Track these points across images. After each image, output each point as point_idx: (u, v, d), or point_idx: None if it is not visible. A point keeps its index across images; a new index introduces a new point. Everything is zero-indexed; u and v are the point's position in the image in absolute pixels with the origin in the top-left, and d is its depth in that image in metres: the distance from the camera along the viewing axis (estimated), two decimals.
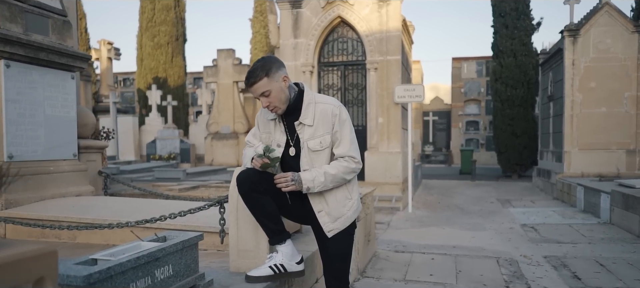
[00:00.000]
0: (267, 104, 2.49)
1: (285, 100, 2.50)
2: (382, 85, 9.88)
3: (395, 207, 9.18)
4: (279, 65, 2.50)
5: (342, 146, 2.52)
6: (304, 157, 2.53)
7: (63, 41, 4.62)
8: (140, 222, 3.03)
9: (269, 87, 2.45)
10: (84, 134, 5.20)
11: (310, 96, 2.56)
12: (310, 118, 2.51)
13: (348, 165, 2.50)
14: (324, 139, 2.50)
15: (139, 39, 21.94)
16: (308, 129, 2.51)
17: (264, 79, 2.44)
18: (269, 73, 2.44)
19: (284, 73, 2.50)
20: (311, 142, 2.51)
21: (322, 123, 2.50)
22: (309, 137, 2.51)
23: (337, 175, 2.48)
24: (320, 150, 2.51)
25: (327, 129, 2.50)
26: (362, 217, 5.25)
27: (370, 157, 9.78)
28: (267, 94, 2.46)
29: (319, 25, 10.28)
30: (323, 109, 2.52)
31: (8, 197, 3.94)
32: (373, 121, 9.90)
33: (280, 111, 2.53)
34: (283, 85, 2.48)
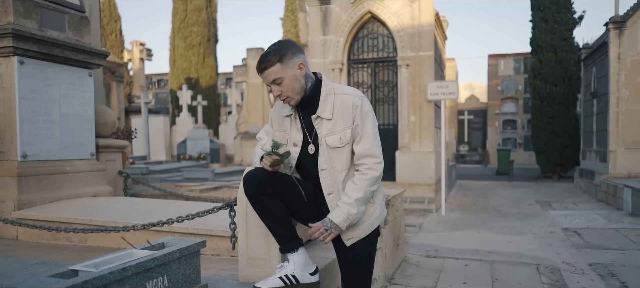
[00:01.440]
0: (278, 93, 2.22)
1: (300, 90, 2.23)
2: (414, 82, 9.52)
3: (427, 208, 8.81)
4: (296, 50, 2.22)
5: (363, 142, 2.22)
6: (322, 155, 2.25)
7: (80, 37, 4.50)
8: (147, 226, 2.83)
9: (282, 74, 2.18)
10: (104, 133, 5.08)
11: (328, 86, 2.27)
12: (329, 111, 2.23)
13: (371, 174, 2.19)
14: (344, 134, 2.21)
15: (172, 40, 22.15)
16: (326, 123, 2.23)
17: (276, 65, 2.17)
18: (283, 58, 2.17)
19: (301, 60, 2.21)
20: (330, 138, 2.22)
21: (342, 116, 2.21)
22: (328, 132, 2.22)
23: (366, 193, 2.19)
24: (340, 147, 2.22)
25: (347, 123, 2.21)
26: (390, 221, 4.94)
27: (402, 157, 9.44)
28: (279, 82, 2.19)
29: (348, 22, 10.00)
30: (343, 100, 2.23)
31: (21, 197, 3.83)
32: (404, 119, 9.56)
33: (294, 102, 2.26)
34: (298, 74, 2.20)
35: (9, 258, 3.00)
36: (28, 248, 3.47)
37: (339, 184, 2.25)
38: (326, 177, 2.26)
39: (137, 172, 10.44)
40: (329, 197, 2.27)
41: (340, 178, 2.25)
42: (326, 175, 2.26)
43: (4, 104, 3.94)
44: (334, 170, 2.25)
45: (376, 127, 2.28)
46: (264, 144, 2.34)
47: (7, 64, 3.93)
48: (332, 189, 2.26)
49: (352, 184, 2.21)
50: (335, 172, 2.25)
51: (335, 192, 2.26)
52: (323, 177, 2.26)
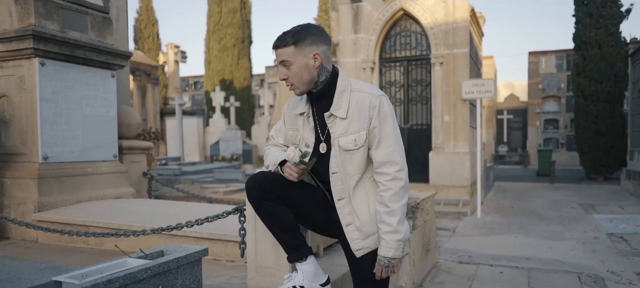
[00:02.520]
0: (284, 77, 2.05)
1: (308, 81, 2.04)
2: (448, 80, 9.20)
3: (462, 211, 8.48)
4: (317, 39, 2.03)
5: (382, 148, 2.02)
6: (334, 157, 2.06)
7: (103, 38, 4.47)
8: (156, 230, 2.73)
9: (292, 59, 2.01)
10: (128, 134, 5.06)
11: (345, 82, 2.08)
12: (343, 109, 2.04)
13: (397, 186, 2.00)
14: (358, 135, 2.02)
15: (207, 42, 22.40)
16: (340, 122, 2.04)
17: (290, 47, 2.01)
18: (299, 42, 2.00)
19: (318, 50, 2.02)
20: (343, 139, 2.03)
21: (358, 116, 2.02)
22: (342, 132, 2.04)
23: (402, 211, 2.01)
24: (353, 149, 2.03)
25: (363, 124, 2.01)
26: (419, 225, 4.71)
27: (435, 158, 9.14)
28: (288, 65, 2.02)
29: (380, 19, 9.77)
30: (359, 98, 2.04)
31: (42, 199, 3.82)
32: (438, 119, 9.25)
33: (298, 92, 2.08)
34: (310, 63, 2.02)
35: (21, 262, 2.95)
36: (45, 250, 3.44)
37: (350, 190, 2.06)
38: (337, 182, 2.08)
39: (170, 173, 10.53)
40: (339, 202, 2.09)
41: (352, 183, 2.06)
42: (337, 179, 2.08)
43: (26, 105, 3.94)
44: (346, 174, 2.06)
45: (397, 130, 2.07)
46: (288, 154, 2.14)
47: (28, 66, 3.93)
48: (343, 195, 2.08)
49: (383, 208, 2.00)
50: (347, 177, 2.06)
51: (346, 198, 2.08)
52: (334, 181, 2.08)
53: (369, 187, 2.09)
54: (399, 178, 2.02)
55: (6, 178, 3.95)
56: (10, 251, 3.43)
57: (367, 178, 2.09)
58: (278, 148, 2.29)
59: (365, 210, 2.07)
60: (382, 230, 2.00)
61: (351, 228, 2.08)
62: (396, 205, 1.99)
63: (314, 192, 2.20)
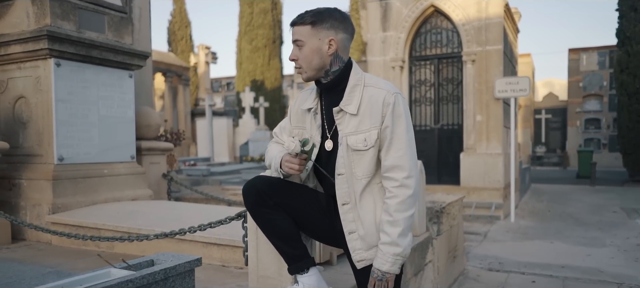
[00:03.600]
0: (293, 57, 1.90)
1: (317, 67, 1.89)
2: (481, 78, 8.87)
3: (494, 215, 8.14)
4: (336, 24, 1.87)
5: (392, 151, 1.83)
6: (341, 157, 1.89)
7: (120, 38, 4.43)
8: (159, 236, 2.62)
9: (306, 39, 1.86)
10: (148, 135, 5.01)
11: (358, 76, 1.91)
12: (354, 104, 1.87)
13: (404, 194, 1.81)
14: (369, 135, 1.84)
15: (238, 43, 22.51)
16: (351, 119, 1.87)
17: (306, 26, 1.86)
18: (317, 23, 1.85)
19: (336, 37, 1.86)
20: (352, 138, 1.86)
21: (370, 113, 1.85)
22: (352, 130, 1.87)
23: (406, 223, 1.82)
24: (363, 150, 1.85)
25: (374, 122, 1.84)
26: (445, 230, 4.48)
27: (467, 159, 8.82)
28: (300, 45, 1.88)
29: (409, 17, 9.52)
30: (373, 94, 1.86)
31: (56, 200, 3.78)
32: (470, 119, 8.93)
33: (305, 77, 1.92)
34: (324, 49, 1.86)
35: (28, 265, 2.90)
36: (57, 253, 3.40)
37: (356, 194, 1.88)
38: (342, 184, 1.90)
39: (198, 173, 10.56)
40: (343, 207, 1.91)
41: (359, 187, 1.88)
42: (343, 182, 1.90)
43: (42, 106, 3.92)
44: (353, 176, 1.89)
45: (411, 132, 1.88)
46: (288, 144, 1.97)
47: (44, 67, 3.90)
48: (348, 199, 1.90)
49: (386, 217, 1.83)
50: (354, 180, 1.89)
51: (351, 202, 1.90)
52: (339, 183, 1.91)
53: (377, 193, 1.90)
54: (407, 185, 1.83)
55: (23, 180, 3.94)
56: (23, 253, 3.40)
57: (376, 184, 1.91)
58: (280, 145, 2.13)
59: (370, 218, 1.89)
60: (381, 239, 1.83)
61: (354, 237, 1.91)
62: (400, 216, 1.81)
63: (316, 198, 2.03)
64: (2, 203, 3.93)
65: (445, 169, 9.28)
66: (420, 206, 3.96)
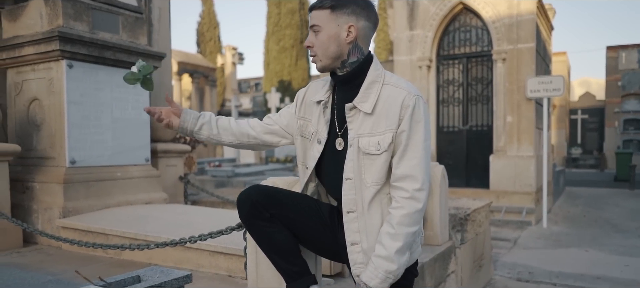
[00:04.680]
0: (309, 44, 1.76)
1: (333, 56, 1.73)
2: (512, 78, 8.53)
3: (525, 221, 7.80)
4: (358, 11, 1.72)
5: (406, 159, 1.67)
6: (351, 160, 1.72)
7: (135, 39, 4.35)
8: (160, 245, 2.49)
9: (323, 24, 1.72)
10: (164, 137, 4.94)
11: (378, 72, 1.75)
12: (370, 103, 1.70)
13: (411, 207, 1.65)
14: (383, 138, 1.67)
15: (266, 44, 22.53)
16: (364, 118, 1.71)
17: (325, 11, 1.72)
18: (337, 8, 1.71)
19: (357, 24, 1.71)
20: (365, 140, 1.70)
21: (386, 114, 1.68)
22: (365, 131, 1.70)
23: (407, 239, 1.66)
24: (375, 154, 1.69)
25: (390, 124, 1.67)
26: (470, 238, 4.25)
27: (497, 162, 8.48)
28: (316, 30, 1.73)
29: (437, 14, 9.25)
30: (392, 93, 1.70)
31: (67, 204, 3.72)
32: (500, 120, 8.60)
33: (319, 66, 1.78)
34: (342, 36, 1.71)
35: (30, 273, 2.83)
36: (65, 259, 3.33)
37: (364, 203, 1.71)
38: (350, 190, 1.73)
39: (223, 174, 10.51)
40: (348, 216, 1.74)
41: (368, 196, 1.71)
42: (350, 188, 1.73)
43: (54, 108, 3.87)
44: (361, 183, 1.72)
45: (428, 142, 1.71)
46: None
47: (57, 68, 3.85)
48: (354, 207, 1.73)
49: (387, 228, 1.66)
50: (363, 186, 1.72)
51: (357, 212, 1.72)
52: (346, 188, 1.74)
53: (386, 205, 1.73)
54: (417, 199, 1.66)
55: (35, 182, 3.90)
56: (31, 258, 3.34)
57: (386, 194, 1.73)
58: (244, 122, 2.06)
59: (376, 231, 1.72)
60: (376, 251, 1.66)
61: (356, 249, 1.74)
62: (403, 230, 1.63)
63: (318, 209, 1.86)
64: (16, 206, 3.90)
65: (473, 172, 8.98)
66: (443, 213, 3.74)
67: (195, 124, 1.97)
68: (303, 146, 1.91)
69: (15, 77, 4.12)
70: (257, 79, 35.25)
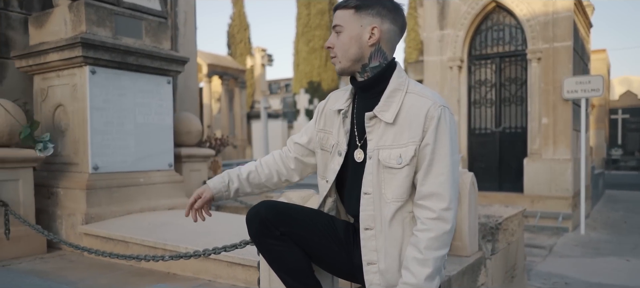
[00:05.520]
0: (329, 45, 1.67)
1: (353, 58, 1.64)
2: (547, 78, 8.21)
3: (562, 227, 7.48)
4: (384, 12, 1.62)
5: (432, 176, 1.54)
6: (370, 173, 1.61)
7: (158, 44, 4.33)
8: (175, 257, 2.42)
9: (346, 25, 1.63)
10: (188, 141, 4.91)
11: (401, 80, 1.63)
12: (392, 112, 1.59)
13: (439, 229, 1.52)
14: (405, 151, 1.56)
15: (296, 45, 22.56)
16: (386, 129, 1.60)
17: (350, 10, 1.63)
18: (361, 8, 1.61)
19: (381, 27, 1.61)
20: (385, 153, 1.58)
21: (409, 125, 1.56)
22: (386, 143, 1.59)
23: (436, 263, 1.53)
24: (397, 168, 1.57)
25: (413, 136, 1.55)
26: (501, 248, 4.06)
27: (531, 165, 8.18)
28: (338, 31, 1.65)
29: (469, 13, 9.00)
30: (415, 103, 1.58)
31: (90, 210, 3.72)
32: (535, 122, 8.29)
33: (338, 67, 1.68)
34: (364, 38, 1.61)
35: (48, 281, 2.81)
36: (85, 266, 3.32)
37: (384, 220, 1.59)
38: (368, 206, 1.62)
39: None
40: (366, 233, 1.62)
41: (388, 213, 1.59)
42: (368, 203, 1.62)
43: (78, 114, 3.88)
44: (381, 198, 1.60)
45: (456, 156, 1.57)
46: None
47: (80, 74, 3.86)
48: (372, 224, 1.61)
49: (414, 252, 1.53)
50: (382, 202, 1.60)
51: (376, 229, 1.61)
52: (364, 204, 1.63)
53: (409, 224, 1.61)
54: (444, 219, 1.53)
55: (60, 188, 3.92)
56: (53, 265, 3.35)
57: (408, 212, 1.61)
58: (271, 158, 1.96)
59: (395, 251, 1.59)
60: (403, 278, 1.53)
61: (372, 269, 1.62)
62: (432, 255, 1.50)
63: (332, 226, 1.76)
64: (41, 211, 3.93)
65: (506, 176, 8.69)
66: (472, 222, 3.57)
67: (229, 192, 1.93)
68: (323, 159, 1.83)
69: (41, 83, 4.16)
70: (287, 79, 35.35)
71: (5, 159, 3.51)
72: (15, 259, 3.47)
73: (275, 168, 1.94)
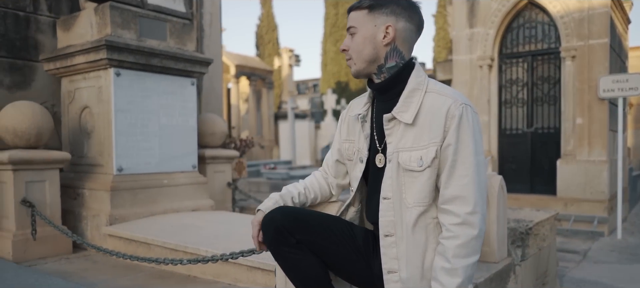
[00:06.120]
0: (344, 48, 1.63)
1: (368, 59, 1.58)
2: (582, 76, 7.92)
3: (597, 231, 7.20)
4: (398, 10, 1.56)
5: (455, 178, 1.47)
6: (389, 177, 1.55)
7: (182, 45, 4.34)
8: (193, 261, 2.40)
9: (359, 25, 1.58)
10: (212, 143, 4.91)
11: (420, 79, 1.56)
12: (411, 112, 1.52)
13: (466, 235, 1.44)
14: (426, 153, 1.48)
15: (323, 45, 22.49)
16: (405, 130, 1.53)
17: (363, 11, 1.58)
18: (374, 8, 1.56)
19: (396, 25, 1.55)
20: (405, 155, 1.52)
21: (430, 126, 1.49)
22: (406, 145, 1.52)
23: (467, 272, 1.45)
24: (418, 170, 1.50)
25: (434, 137, 1.48)
26: (532, 254, 3.90)
27: (565, 167, 7.91)
28: (353, 32, 1.60)
29: (499, 11, 8.77)
30: (435, 102, 1.51)
31: (114, 212, 3.75)
32: (569, 122, 8.01)
33: (354, 69, 1.63)
34: (378, 37, 1.56)
35: (70, 282, 2.83)
36: (108, 267, 3.34)
37: (405, 226, 1.52)
38: (387, 211, 1.55)
39: (278, 177, 10.53)
40: (386, 240, 1.55)
41: (411, 218, 1.51)
42: (388, 208, 1.55)
43: (103, 116, 3.91)
44: (402, 203, 1.53)
45: (481, 157, 1.49)
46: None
47: (105, 77, 3.89)
48: (392, 230, 1.54)
49: (442, 262, 1.46)
50: (403, 207, 1.53)
51: (397, 235, 1.53)
52: (383, 209, 1.56)
53: (433, 230, 1.53)
54: (471, 224, 1.44)
55: (85, 189, 3.96)
56: (77, 265, 3.38)
57: (432, 218, 1.53)
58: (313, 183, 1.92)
59: (418, 259, 1.52)
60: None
61: (393, 278, 1.54)
62: (460, 263, 1.42)
63: (351, 233, 1.69)
64: (68, 212, 3.98)
65: (538, 178, 8.43)
66: (500, 227, 3.44)
67: None
68: (349, 169, 1.80)
69: (68, 86, 4.22)
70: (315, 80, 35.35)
71: (32, 161, 3.56)
72: (42, 259, 3.52)
73: (320, 192, 1.90)
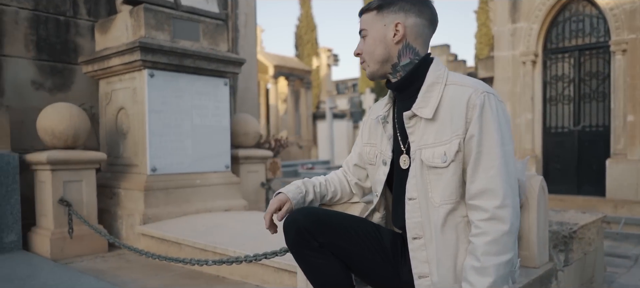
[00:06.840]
0: (357, 52, 1.58)
1: (381, 59, 1.52)
2: (634, 71, 7.51)
3: None
4: (407, 7, 1.50)
5: (480, 171, 1.37)
6: (413, 176, 1.48)
7: (215, 46, 4.36)
8: (217, 262, 2.37)
9: (369, 27, 1.54)
10: (246, 143, 4.91)
11: (439, 73, 1.49)
12: (431, 107, 1.45)
13: (497, 231, 1.34)
14: (449, 147, 1.40)
15: None
16: (426, 126, 1.45)
17: (372, 12, 1.54)
18: (383, 7, 1.51)
19: (405, 22, 1.49)
20: (428, 152, 1.44)
21: (451, 119, 1.41)
22: (428, 141, 1.45)
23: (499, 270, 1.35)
24: (442, 167, 1.42)
25: (456, 130, 1.40)
26: (576, 258, 3.70)
27: (615, 167, 7.52)
28: (364, 35, 1.56)
29: (544, 4, 8.43)
30: (454, 94, 1.43)
31: (148, 211, 3.79)
32: (619, 119, 7.61)
33: (368, 71, 1.58)
34: (388, 36, 1.50)
35: (102, 281, 2.86)
36: (140, 266, 3.38)
37: (434, 227, 1.44)
38: (414, 212, 1.47)
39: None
40: (414, 243, 1.47)
41: (439, 217, 1.43)
42: (415, 209, 1.47)
43: (138, 117, 3.97)
44: (428, 202, 1.45)
45: (508, 146, 1.39)
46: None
47: (139, 78, 3.95)
48: (421, 232, 1.46)
49: (472, 261, 1.36)
50: (430, 207, 1.45)
51: (426, 237, 1.45)
52: (410, 210, 1.49)
53: (464, 229, 1.44)
54: (500, 218, 1.34)
55: (121, 189, 4.03)
56: (111, 264, 3.43)
57: (462, 216, 1.44)
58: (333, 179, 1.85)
59: (449, 261, 1.43)
60: None
61: (425, 283, 1.46)
62: (491, 261, 1.32)
63: (377, 237, 1.61)
64: (104, 211, 4.06)
65: (586, 178, 8.05)
66: (541, 230, 3.27)
67: (305, 204, 1.74)
68: (372, 173, 1.73)
69: (105, 88, 4.31)
70: (354, 79, 35.21)
71: (69, 161, 3.65)
72: (78, 257, 3.60)
73: (340, 188, 1.85)
